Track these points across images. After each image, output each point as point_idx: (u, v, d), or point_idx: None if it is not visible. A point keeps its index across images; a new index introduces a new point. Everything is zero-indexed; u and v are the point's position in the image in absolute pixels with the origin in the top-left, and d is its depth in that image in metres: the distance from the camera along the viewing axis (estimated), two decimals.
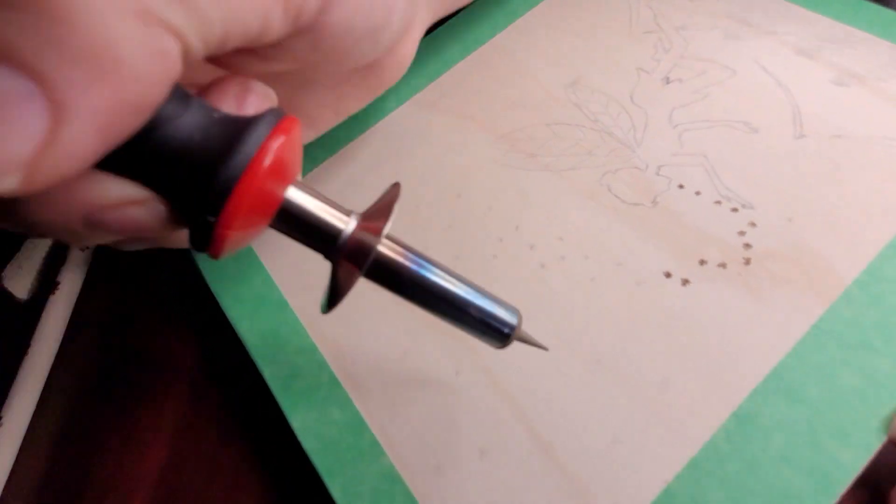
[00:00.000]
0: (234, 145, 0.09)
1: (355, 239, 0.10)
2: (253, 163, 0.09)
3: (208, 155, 0.09)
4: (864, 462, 0.12)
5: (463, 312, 0.11)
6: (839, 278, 0.15)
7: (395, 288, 0.11)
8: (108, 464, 0.19)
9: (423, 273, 0.11)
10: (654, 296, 0.15)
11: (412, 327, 0.17)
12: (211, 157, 0.09)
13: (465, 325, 0.12)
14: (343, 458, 0.15)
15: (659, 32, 0.21)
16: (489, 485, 0.14)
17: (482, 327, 0.12)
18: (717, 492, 0.13)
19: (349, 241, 0.10)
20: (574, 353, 0.15)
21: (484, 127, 0.20)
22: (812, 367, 0.14)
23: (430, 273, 0.11)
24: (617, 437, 0.14)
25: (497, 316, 0.12)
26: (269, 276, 0.19)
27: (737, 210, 0.16)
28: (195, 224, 0.09)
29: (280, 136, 0.09)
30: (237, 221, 0.09)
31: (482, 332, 0.12)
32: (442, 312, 0.11)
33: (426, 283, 0.11)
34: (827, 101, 0.18)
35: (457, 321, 0.12)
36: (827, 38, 0.19)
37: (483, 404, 0.15)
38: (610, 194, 0.17)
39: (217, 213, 0.09)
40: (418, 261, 0.11)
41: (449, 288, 0.11)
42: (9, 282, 0.23)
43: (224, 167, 0.08)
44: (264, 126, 0.09)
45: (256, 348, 0.17)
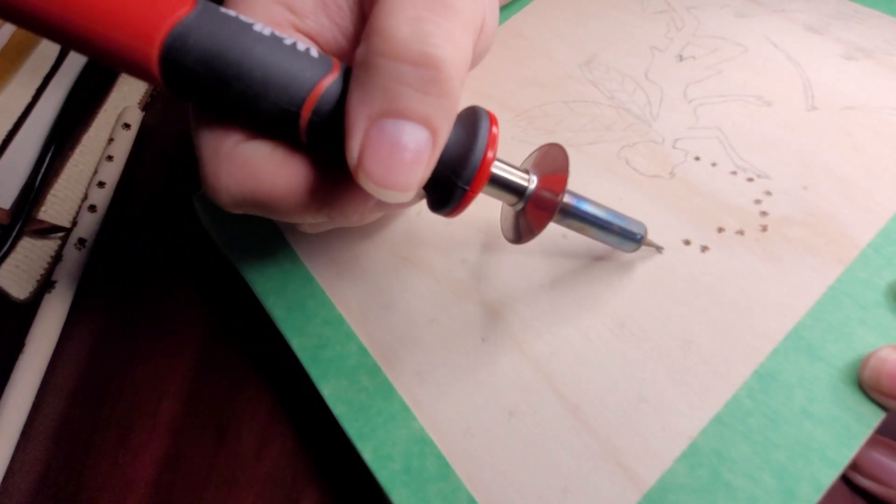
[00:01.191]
0: (473, 138, 0.13)
1: (537, 193, 0.14)
2: (486, 150, 0.13)
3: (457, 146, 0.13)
4: (882, 414, 0.13)
5: (608, 230, 0.15)
6: (854, 241, 0.15)
7: (562, 220, 0.15)
8: (103, 463, 0.20)
9: (584, 208, 0.15)
10: (675, 262, 0.16)
11: (437, 297, 0.17)
12: (459, 147, 0.13)
13: (608, 237, 0.15)
14: (374, 423, 0.15)
15: (671, 12, 0.21)
16: (518, 445, 0.14)
17: (621, 238, 0.15)
18: (740, 445, 0.13)
19: (532, 194, 0.14)
20: (598, 317, 0.15)
21: (502, 105, 0.20)
22: (830, 326, 0.14)
23: (588, 207, 0.15)
24: (642, 396, 0.14)
25: (631, 229, 0.15)
26: (294, 252, 0.19)
27: (752, 180, 0.17)
28: (449, 193, 0.13)
29: (494, 127, 0.13)
30: (479, 187, 0.13)
31: (621, 241, 0.16)
32: (593, 231, 0.15)
33: (587, 215, 0.15)
34: (836, 74, 0.18)
35: (602, 236, 0.15)
36: (834, 14, 0.20)
37: (510, 368, 0.15)
38: (628, 167, 0.18)
39: (469, 182, 0.13)
40: (580, 200, 0.15)
41: (601, 215, 0.15)
42: (5, 282, 0.23)
43: (472, 154, 0.13)
44: (483, 122, 0.13)
45: (284, 321, 0.17)
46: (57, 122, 0.27)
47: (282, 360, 0.20)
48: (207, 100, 0.12)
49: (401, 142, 0.11)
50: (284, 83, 0.12)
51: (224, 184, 0.13)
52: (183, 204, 0.25)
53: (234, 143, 0.12)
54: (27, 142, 0.26)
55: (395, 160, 0.11)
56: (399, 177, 0.11)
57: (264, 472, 0.19)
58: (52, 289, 0.23)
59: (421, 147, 0.11)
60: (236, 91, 0.11)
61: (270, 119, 0.12)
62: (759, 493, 0.13)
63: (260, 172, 0.12)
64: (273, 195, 0.13)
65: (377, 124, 0.11)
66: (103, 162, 0.27)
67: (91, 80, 0.29)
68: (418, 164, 0.11)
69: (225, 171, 0.12)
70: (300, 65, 0.12)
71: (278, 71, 0.12)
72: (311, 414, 0.19)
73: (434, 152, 0.12)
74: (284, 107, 0.12)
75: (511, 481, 0.14)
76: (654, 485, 0.13)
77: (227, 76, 0.11)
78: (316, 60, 0.12)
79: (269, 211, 0.13)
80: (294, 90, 0.12)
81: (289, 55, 0.12)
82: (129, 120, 0.28)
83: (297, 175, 0.13)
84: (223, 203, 0.13)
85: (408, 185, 0.12)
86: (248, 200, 0.13)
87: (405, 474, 0.14)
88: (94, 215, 0.25)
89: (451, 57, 0.11)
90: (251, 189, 0.13)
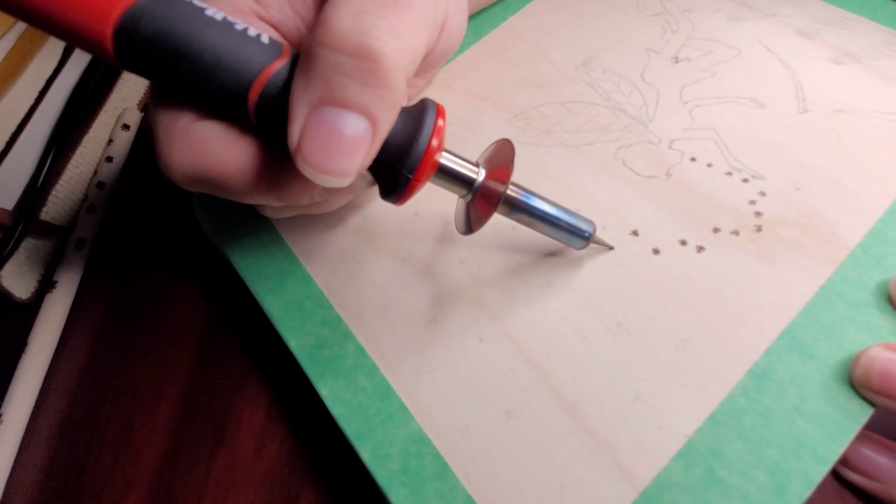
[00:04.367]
0: (419, 128, 0.13)
1: (486, 185, 0.14)
2: (431, 139, 0.13)
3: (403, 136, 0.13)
4: (871, 411, 0.13)
5: (556, 226, 0.16)
6: (845, 242, 0.15)
7: (510, 213, 0.15)
8: (104, 462, 0.20)
9: (531, 203, 0.15)
10: (671, 262, 0.16)
11: (436, 297, 0.17)
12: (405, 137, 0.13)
13: (557, 233, 0.16)
14: (372, 423, 0.15)
15: (666, 15, 0.22)
16: (516, 445, 0.14)
17: (569, 234, 0.16)
18: (735, 443, 0.13)
19: (480, 186, 0.14)
20: (594, 316, 0.16)
21: (499, 106, 0.21)
22: (822, 325, 0.14)
23: (535, 202, 0.15)
24: (639, 395, 0.14)
25: (580, 226, 0.16)
26: (292, 252, 0.19)
27: (747, 180, 0.17)
28: (395, 181, 0.13)
29: (440, 119, 0.13)
30: (424, 176, 0.13)
31: (569, 238, 0.16)
32: (541, 226, 0.16)
33: (534, 209, 0.15)
34: (827, 78, 0.19)
35: (552, 231, 0.16)
36: (823, 19, 0.20)
37: (507, 368, 0.15)
38: (625, 168, 0.18)
39: (413, 171, 0.13)
40: (527, 194, 0.15)
41: (548, 210, 0.15)
42: (7, 281, 0.23)
43: (417, 143, 0.13)
44: (430, 113, 0.13)
45: (282, 321, 0.18)
46: (58, 125, 0.27)
47: (280, 361, 0.20)
48: (161, 78, 0.13)
49: (338, 130, 0.12)
50: (233, 66, 0.12)
51: (176, 160, 0.13)
52: (182, 204, 0.25)
53: (187, 122, 0.13)
54: (30, 144, 0.26)
55: (333, 147, 0.12)
56: (336, 163, 0.12)
57: (263, 472, 0.19)
58: (54, 289, 0.23)
59: (358, 135, 0.12)
60: (187, 71, 0.12)
61: (220, 100, 0.13)
62: (752, 490, 0.13)
63: (211, 151, 0.13)
64: (223, 174, 0.13)
65: (317, 111, 0.12)
66: (103, 163, 0.27)
67: (91, 83, 0.29)
68: (356, 152, 0.12)
69: (177, 148, 0.13)
70: (250, 49, 0.12)
71: (227, 54, 0.12)
72: (310, 414, 0.19)
73: (374, 141, 0.12)
74: (233, 89, 0.12)
75: (508, 480, 0.14)
76: (650, 483, 0.13)
77: (177, 56, 0.12)
78: (266, 46, 0.13)
79: (220, 189, 0.14)
80: (242, 73, 0.12)
81: (239, 39, 0.12)
82: (129, 121, 0.28)
83: (246, 155, 0.13)
84: (176, 179, 0.13)
85: (345, 171, 0.12)
86: (199, 178, 0.13)
87: (403, 474, 0.15)
88: (94, 216, 0.25)
89: (391, 50, 0.12)
90: (202, 167, 0.13)
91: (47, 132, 0.27)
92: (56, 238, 0.25)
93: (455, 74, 0.22)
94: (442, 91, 0.22)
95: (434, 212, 0.19)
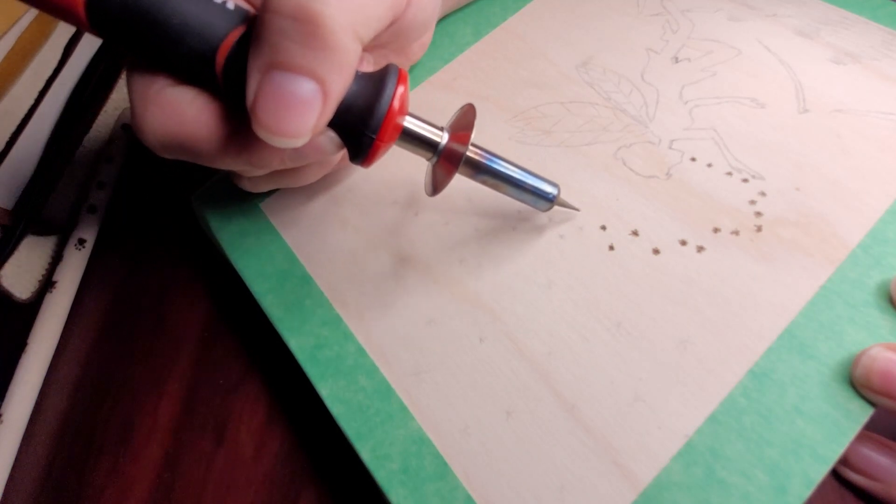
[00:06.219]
0: (381, 91, 0.14)
1: (449, 147, 0.15)
2: (392, 101, 0.14)
3: (366, 99, 0.14)
4: (871, 410, 0.13)
5: (521, 187, 0.16)
6: (844, 242, 0.15)
7: (475, 175, 0.16)
8: (104, 462, 0.20)
9: (494, 165, 0.16)
10: (671, 262, 0.16)
11: (435, 297, 0.17)
12: (368, 100, 0.14)
13: (523, 195, 0.16)
14: (371, 423, 0.15)
15: (666, 15, 0.22)
16: (516, 444, 0.14)
17: (534, 196, 0.16)
18: (735, 443, 0.13)
19: (444, 149, 0.15)
20: (594, 316, 0.16)
21: (499, 106, 0.21)
22: (822, 325, 0.14)
23: (498, 164, 0.16)
24: (638, 395, 0.14)
25: (544, 189, 0.16)
26: (292, 252, 0.19)
27: (747, 181, 0.17)
28: (360, 142, 0.14)
29: (402, 84, 0.14)
30: (386, 137, 0.14)
31: (535, 199, 0.16)
32: (507, 188, 0.16)
33: (497, 171, 0.16)
34: (827, 78, 0.19)
35: (517, 193, 0.16)
36: (823, 20, 0.20)
37: (507, 368, 0.15)
38: (625, 168, 0.18)
39: (376, 132, 0.14)
40: (490, 157, 0.16)
41: (511, 173, 0.16)
42: (7, 281, 0.23)
43: (379, 105, 0.14)
44: (392, 78, 0.14)
45: (281, 321, 0.18)
46: (58, 124, 0.27)
47: (280, 361, 0.20)
48: (132, 45, 0.13)
49: (287, 92, 0.12)
50: (199, 31, 0.13)
51: (150, 124, 0.13)
52: (181, 204, 0.25)
53: (160, 87, 0.13)
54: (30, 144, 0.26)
55: (283, 109, 0.12)
56: (288, 124, 0.12)
57: (263, 472, 0.19)
58: (54, 289, 0.23)
59: (307, 97, 0.12)
60: (157, 36, 0.13)
61: (189, 64, 0.13)
62: (752, 490, 0.13)
63: (182, 115, 0.13)
64: (194, 137, 0.14)
65: (267, 75, 0.12)
66: (103, 163, 0.27)
67: (91, 83, 0.29)
68: (306, 113, 0.12)
69: (150, 112, 0.13)
70: (216, 14, 0.13)
71: (193, 19, 0.13)
72: (309, 414, 0.19)
73: (326, 102, 0.12)
74: (199, 54, 0.13)
75: (508, 480, 0.14)
76: (650, 483, 0.13)
77: (147, 22, 0.13)
78: (231, 12, 0.13)
79: (192, 153, 0.14)
80: (208, 38, 0.13)
81: (205, 5, 0.13)
82: (129, 121, 0.28)
83: (216, 119, 0.14)
84: (150, 143, 0.14)
85: (297, 132, 0.12)
86: (171, 142, 0.14)
87: (403, 474, 0.15)
88: (94, 216, 0.25)
89: (333, 11, 0.12)
90: (174, 131, 0.13)
91: (47, 132, 0.27)
92: (56, 238, 0.25)
93: (455, 74, 0.22)
94: (442, 91, 0.22)
95: (434, 212, 0.19)
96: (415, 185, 0.19)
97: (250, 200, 0.20)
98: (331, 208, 0.19)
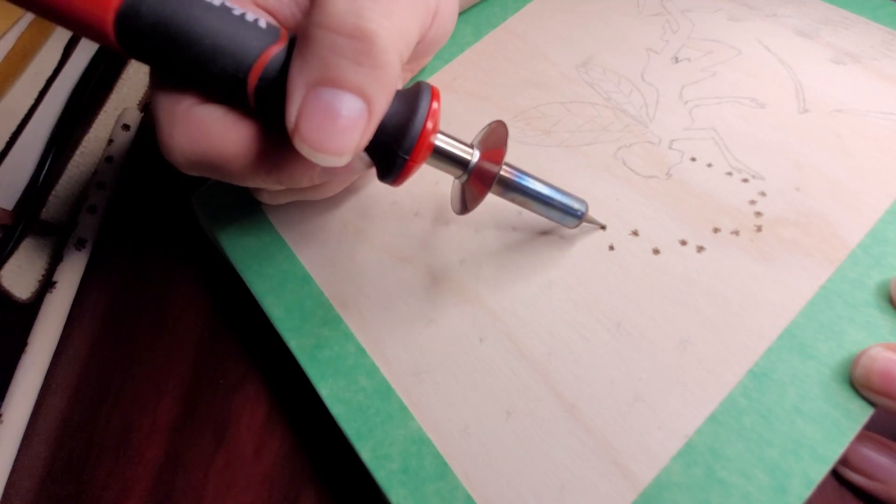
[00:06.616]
0: (414, 110, 0.13)
1: (480, 166, 0.15)
2: (426, 121, 0.13)
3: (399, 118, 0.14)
4: (871, 411, 0.13)
5: (550, 205, 0.16)
6: (844, 242, 0.15)
7: (504, 193, 0.16)
8: (104, 462, 0.20)
9: (525, 183, 0.16)
10: (671, 262, 0.16)
11: (436, 298, 0.17)
12: (402, 119, 0.14)
13: (551, 213, 0.16)
14: (371, 423, 0.15)
15: (666, 15, 0.22)
16: (516, 444, 0.14)
17: (563, 214, 0.16)
18: (735, 443, 0.13)
19: (475, 167, 0.15)
20: (594, 316, 0.16)
21: (499, 106, 0.21)
22: (822, 325, 0.14)
23: (529, 182, 0.16)
24: (638, 395, 0.14)
25: (573, 206, 0.16)
26: (292, 252, 0.19)
27: (747, 181, 0.17)
28: (392, 162, 0.14)
29: (436, 101, 0.14)
30: (420, 157, 0.14)
31: (563, 217, 0.16)
32: (535, 206, 0.16)
33: (528, 189, 0.16)
34: (827, 78, 0.19)
35: (546, 211, 0.16)
36: (823, 20, 0.20)
37: (507, 369, 0.15)
38: (625, 168, 0.18)
39: (409, 153, 0.14)
40: (521, 175, 0.16)
41: (542, 191, 0.16)
42: (7, 281, 0.23)
43: (412, 125, 0.13)
44: (425, 97, 0.14)
45: (282, 321, 0.18)
46: (58, 125, 0.27)
47: (280, 361, 0.20)
48: (161, 64, 0.13)
49: (335, 109, 0.12)
50: (232, 50, 0.12)
51: (178, 143, 0.13)
52: (182, 204, 0.25)
53: (188, 106, 0.13)
54: (30, 144, 0.26)
55: (329, 126, 0.12)
56: (333, 142, 0.12)
57: (263, 472, 0.19)
58: (54, 289, 0.23)
59: (354, 115, 0.12)
60: (187, 56, 0.12)
61: (220, 84, 0.13)
62: (752, 490, 0.13)
63: (211, 133, 0.13)
64: (223, 156, 0.13)
65: (314, 91, 0.12)
66: (103, 163, 0.27)
67: (91, 83, 0.29)
68: (352, 131, 0.12)
69: (179, 131, 0.13)
70: (248, 34, 0.13)
71: (226, 39, 0.12)
72: (309, 414, 0.19)
73: (370, 121, 0.12)
74: (232, 73, 0.13)
75: (508, 480, 0.14)
76: (650, 483, 0.13)
77: (177, 42, 0.12)
78: (263, 30, 0.13)
79: (220, 172, 0.14)
80: (241, 57, 0.13)
81: (237, 24, 0.13)
82: (129, 121, 0.28)
83: (246, 138, 0.13)
84: (177, 162, 0.14)
85: (341, 150, 0.12)
86: (200, 160, 0.14)
87: (403, 474, 0.15)
88: (94, 216, 0.25)
89: (385, 32, 0.12)
90: (203, 149, 0.13)
91: (47, 132, 0.27)
92: (56, 238, 0.25)
93: (455, 74, 0.22)
94: (442, 91, 0.22)
95: (434, 212, 0.19)
96: (414, 185, 0.19)
97: (251, 201, 0.20)
98: (331, 209, 0.19)
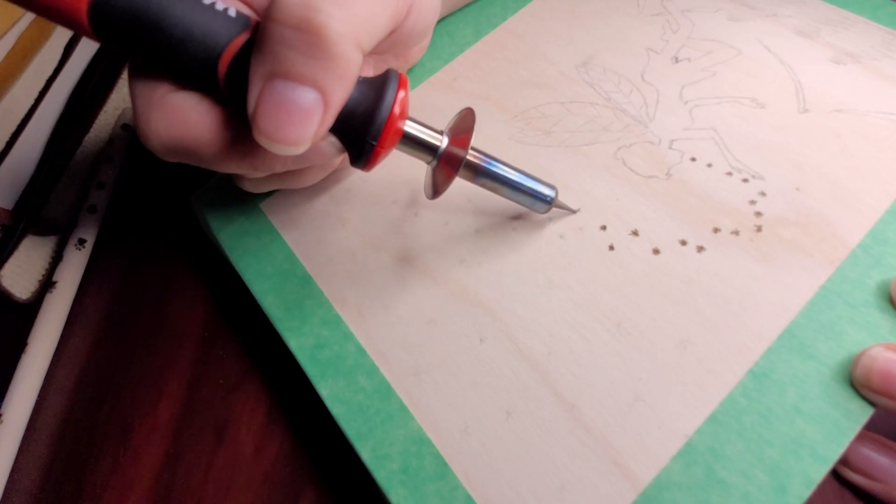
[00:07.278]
0: (381, 97, 0.14)
1: (449, 151, 0.15)
2: (393, 107, 0.14)
3: (367, 105, 0.14)
4: (871, 411, 0.13)
5: (518, 190, 0.16)
6: (844, 242, 0.15)
7: (474, 178, 0.16)
8: (104, 462, 0.20)
9: (492, 168, 0.16)
10: (671, 262, 0.16)
11: (436, 297, 0.17)
12: (369, 106, 0.14)
13: (520, 197, 0.16)
14: (371, 423, 0.15)
15: (666, 15, 0.22)
16: (516, 444, 0.14)
17: (532, 199, 0.16)
18: (735, 443, 0.13)
19: (444, 153, 0.15)
20: (594, 316, 0.16)
21: (499, 106, 0.21)
22: (822, 325, 0.14)
23: (497, 167, 0.16)
24: (638, 395, 0.14)
25: (542, 191, 0.16)
26: (292, 252, 0.19)
27: (747, 181, 0.17)
28: (361, 148, 0.14)
29: (402, 89, 0.14)
30: (387, 143, 0.14)
31: (532, 202, 0.16)
32: (504, 191, 0.16)
33: (495, 174, 0.16)
34: (827, 78, 0.19)
35: (515, 196, 0.16)
36: (823, 20, 0.20)
37: (507, 369, 0.15)
38: (625, 168, 0.18)
39: (376, 138, 0.14)
40: (489, 160, 0.16)
41: (509, 176, 0.16)
42: (7, 281, 0.23)
43: (379, 112, 0.14)
44: (392, 84, 0.14)
45: (281, 321, 0.18)
46: (58, 125, 0.27)
47: (280, 361, 0.20)
48: (135, 51, 0.13)
49: (289, 101, 0.12)
50: (202, 39, 0.13)
51: (154, 129, 0.14)
52: (181, 204, 0.25)
53: (164, 93, 0.14)
54: (30, 144, 0.26)
55: (284, 117, 0.12)
56: (288, 133, 0.12)
57: (263, 472, 0.19)
58: (53, 289, 0.23)
59: (308, 106, 0.12)
60: (159, 44, 0.13)
61: (192, 72, 0.13)
62: (752, 490, 0.13)
63: (186, 120, 0.14)
64: (198, 142, 0.14)
65: (269, 84, 0.12)
66: (103, 163, 0.27)
67: (91, 83, 0.29)
68: (307, 122, 0.12)
69: (154, 117, 0.14)
70: (218, 23, 0.13)
71: (196, 27, 0.13)
72: (309, 414, 0.19)
73: (326, 111, 0.13)
74: (203, 61, 0.13)
75: (508, 480, 0.14)
76: (650, 483, 0.13)
77: (149, 30, 0.13)
78: (233, 19, 0.13)
79: (196, 158, 0.14)
80: (211, 45, 0.13)
81: (207, 13, 0.13)
82: (129, 121, 0.28)
83: (219, 124, 0.14)
84: (154, 148, 0.14)
85: (297, 140, 0.13)
86: (176, 146, 0.14)
87: (403, 474, 0.15)
88: (94, 216, 0.25)
89: (336, 22, 0.12)
90: (178, 135, 0.14)
91: (47, 132, 0.27)
92: (56, 238, 0.25)
93: (455, 74, 0.22)
94: (442, 91, 0.22)
95: (434, 212, 0.19)
96: (414, 185, 0.19)
97: (250, 200, 0.20)
98: (331, 208, 0.19)
